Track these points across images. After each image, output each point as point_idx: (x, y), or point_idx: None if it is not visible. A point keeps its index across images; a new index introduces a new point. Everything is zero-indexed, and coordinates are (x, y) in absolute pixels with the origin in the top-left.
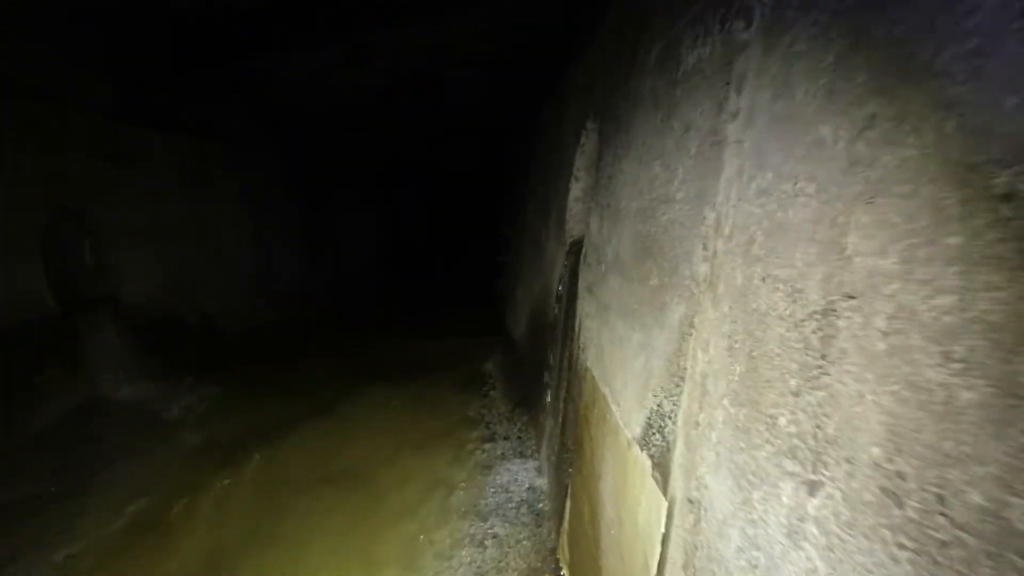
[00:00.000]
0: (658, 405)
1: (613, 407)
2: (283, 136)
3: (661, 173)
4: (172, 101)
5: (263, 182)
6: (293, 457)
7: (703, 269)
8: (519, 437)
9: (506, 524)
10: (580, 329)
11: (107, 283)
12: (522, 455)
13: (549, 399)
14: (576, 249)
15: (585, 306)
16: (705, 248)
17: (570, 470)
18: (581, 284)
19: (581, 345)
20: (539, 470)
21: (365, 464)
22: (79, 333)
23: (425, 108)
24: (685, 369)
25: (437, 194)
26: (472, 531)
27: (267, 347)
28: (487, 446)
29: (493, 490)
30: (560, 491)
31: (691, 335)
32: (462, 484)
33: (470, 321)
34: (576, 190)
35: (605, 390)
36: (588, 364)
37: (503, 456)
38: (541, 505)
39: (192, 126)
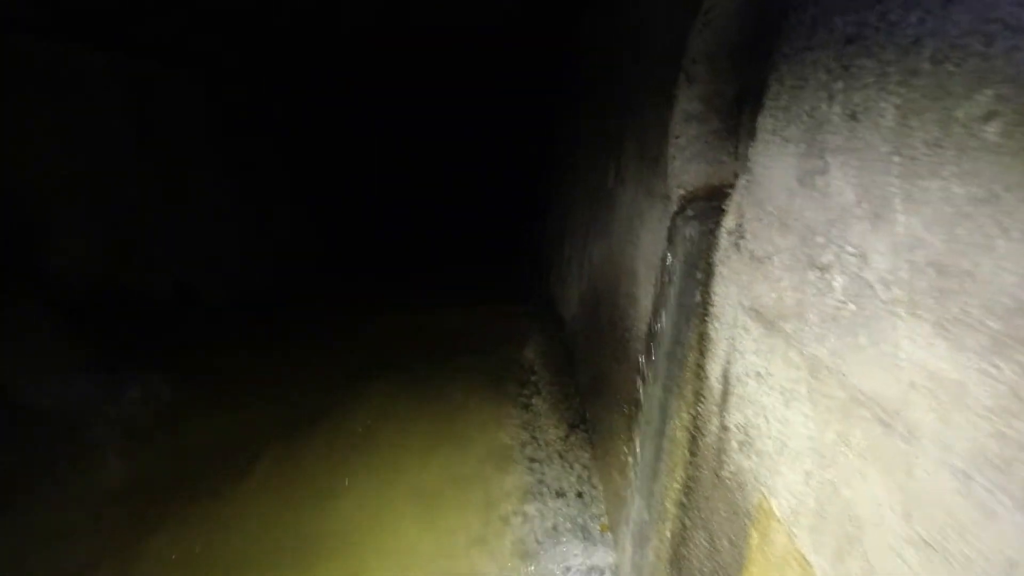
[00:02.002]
0: None
1: None
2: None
3: None
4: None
5: (250, 124)
6: (246, 514)
7: None
8: (579, 494)
9: None
10: (730, 393)
11: (29, 248)
12: (585, 532)
13: (636, 462)
14: (705, 214)
15: (746, 346)
16: None
17: None
18: (727, 291)
19: (736, 424)
20: None
21: (345, 535)
22: None
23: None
24: None
25: (453, 143)
26: None
27: (252, 324)
28: (530, 508)
29: None
30: None
31: None
32: None
33: (500, 284)
34: (690, 100)
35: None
36: (761, 481)
37: (555, 531)
38: None
39: (149, 46)
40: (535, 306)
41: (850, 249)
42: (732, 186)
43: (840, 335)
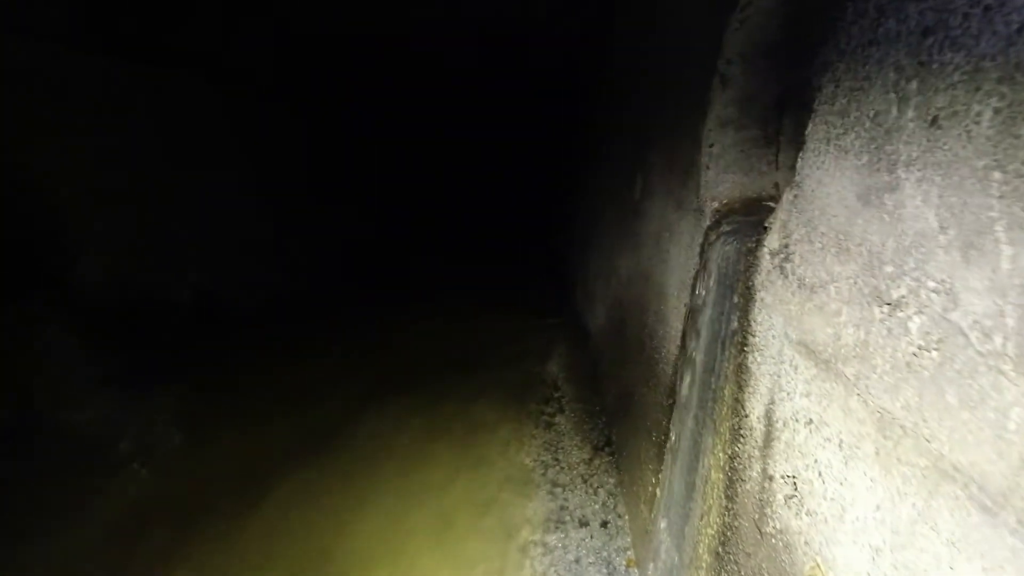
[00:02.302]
0: None
1: None
2: (299, 79)
3: None
4: (151, 25)
5: (273, 137)
6: (261, 539)
7: None
8: (604, 523)
9: None
10: (775, 438)
11: (57, 258)
12: (610, 567)
13: (665, 496)
14: (743, 231)
15: (794, 386)
16: None
17: None
18: (770, 321)
19: (782, 475)
20: None
21: (362, 563)
22: (8, 328)
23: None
24: None
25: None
26: None
27: (277, 334)
28: (552, 539)
29: None
30: None
31: None
32: None
33: (530, 290)
34: (725, 105)
35: None
36: (813, 548)
37: (578, 565)
38: None
39: (180, 59)
40: (561, 317)
41: (931, 284)
42: (773, 199)
43: (919, 389)
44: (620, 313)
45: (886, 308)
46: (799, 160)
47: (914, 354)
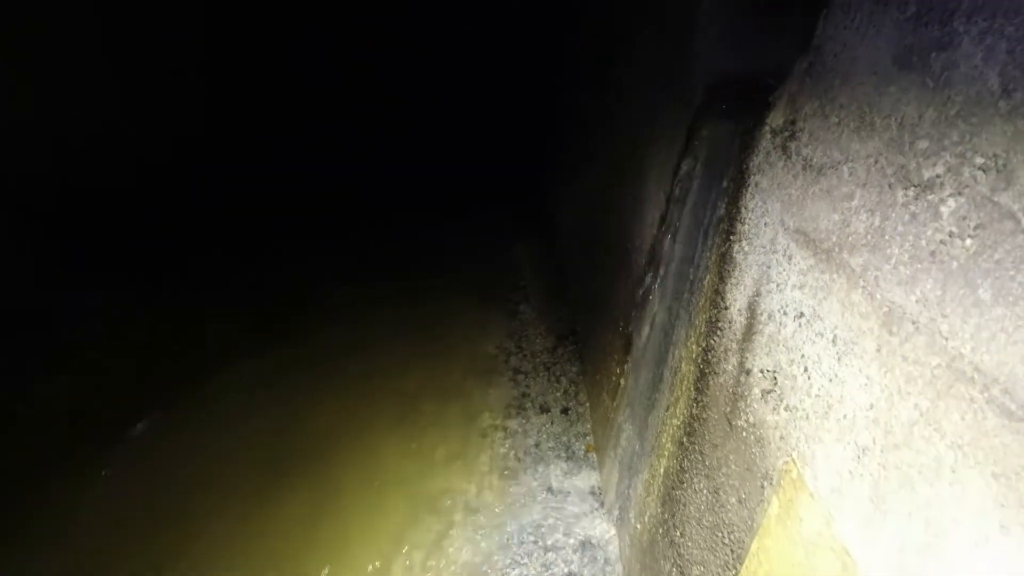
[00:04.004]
0: None
1: None
2: None
3: None
4: None
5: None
6: (212, 419)
7: None
8: (564, 411)
9: None
10: (757, 331)
11: None
12: (569, 451)
13: (629, 386)
14: (739, 110)
15: (786, 277)
16: None
17: None
18: (764, 207)
19: (762, 369)
20: (601, 504)
21: (321, 450)
22: None
23: None
24: None
25: None
26: None
27: (231, 215)
28: (513, 424)
29: (519, 535)
30: None
31: None
32: (467, 510)
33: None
34: None
35: None
36: (790, 443)
37: (538, 449)
38: None
39: None
40: (529, 208)
41: (979, 161)
42: (780, 74)
43: (943, 281)
44: (593, 200)
45: (912, 190)
46: (821, 21)
47: (942, 242)
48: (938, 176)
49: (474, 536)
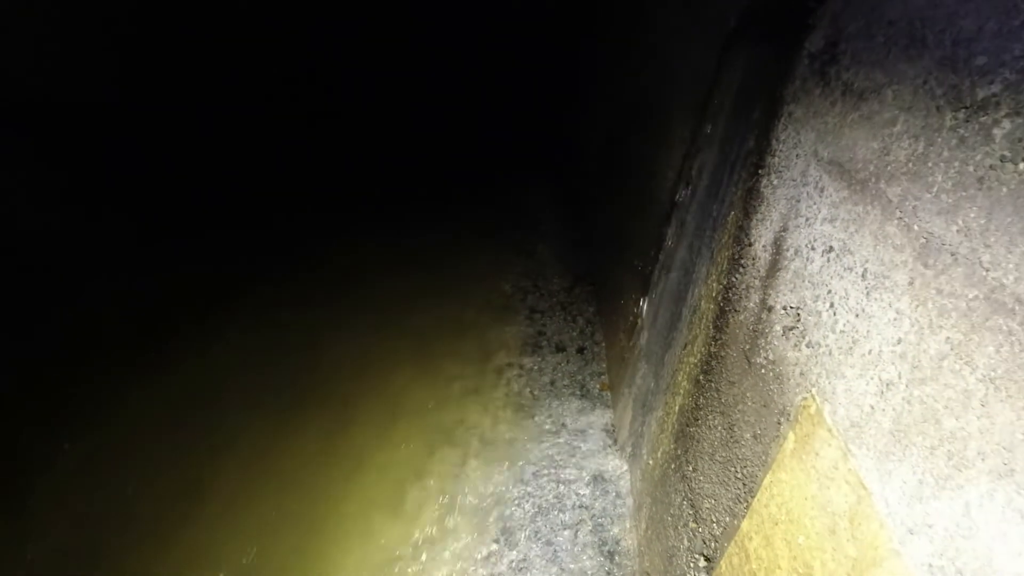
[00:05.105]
0: None
1: None
2: None
3: None
4: None
5: None
6: (228, 356)
7: None
8: (580, 350)
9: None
10: (781, 267)
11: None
12: (584, 389)
13: (646, 325)
14: (775, 33)
15: (816, 210)
16: None
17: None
18: (797, 137)
19: (784, 306)
20: (614, 441)
21: (337, 382)
22: None
23: None
24: None
25: None
26: None
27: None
28: (528, 361)
29: (532, 468)
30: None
31: None
32: (481, 440)
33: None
34: None
35: None
36: (810, 379)
37: (552, 387)
38: (616, 531)
39: None
40: (548, 147)
41: None
42: None
43: (989, 209)
44: (613, 142)
45: (963, 112)
46: None
47: (991, 167)
48: (994, 95)
49: (488, 468)
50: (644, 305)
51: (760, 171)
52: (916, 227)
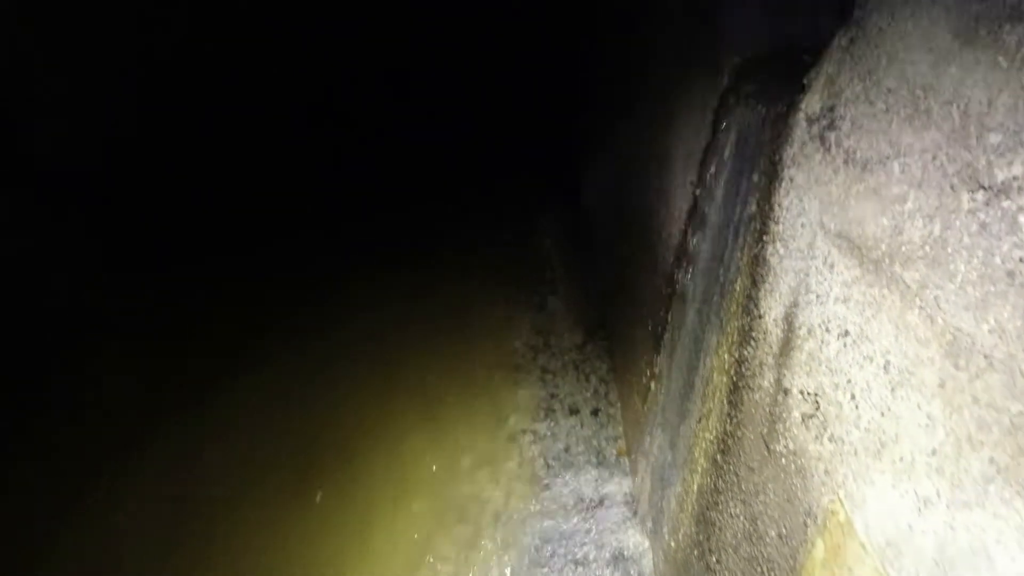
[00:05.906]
0: None
1: None
2: None
3: None
4: None
5: None
6: (242, 417)
7: None
8: (594, 412)
9: None
10: (795, 347)
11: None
12: (600, 456)
13: (660, 391)
14: (770, 92)
15: (827, 288)
16: None
17: None
18: (800, 205)
19: (802, 391)
20: (634, 513)
21: (347, 447)
22: None
23: None
24: None
25: None
26: None
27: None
28: (541, 427)
29: (549, 548)
30: None
31: None
32: (494, 517)
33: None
34: None
35: None
36: (836, 480)
37: (567, 454)
38: None
39: None
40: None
41: None
42: (817, 51)
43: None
44: (618, 185)
45: (982, 194)
46: None
47: (1022, 260)
48: (1015, 178)
49: (502, 551)
50: (657, 368)
51: (764, 238)
52: (941, 320)
